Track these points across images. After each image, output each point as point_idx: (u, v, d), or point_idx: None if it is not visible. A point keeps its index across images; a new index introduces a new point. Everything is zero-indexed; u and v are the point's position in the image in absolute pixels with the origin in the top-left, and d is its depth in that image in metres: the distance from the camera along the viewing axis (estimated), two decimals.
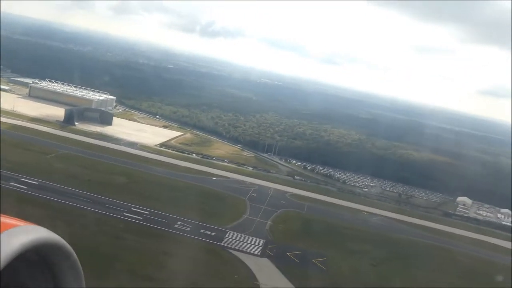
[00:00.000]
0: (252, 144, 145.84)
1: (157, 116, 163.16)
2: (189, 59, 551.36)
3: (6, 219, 3.03)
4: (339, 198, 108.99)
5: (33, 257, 3.23)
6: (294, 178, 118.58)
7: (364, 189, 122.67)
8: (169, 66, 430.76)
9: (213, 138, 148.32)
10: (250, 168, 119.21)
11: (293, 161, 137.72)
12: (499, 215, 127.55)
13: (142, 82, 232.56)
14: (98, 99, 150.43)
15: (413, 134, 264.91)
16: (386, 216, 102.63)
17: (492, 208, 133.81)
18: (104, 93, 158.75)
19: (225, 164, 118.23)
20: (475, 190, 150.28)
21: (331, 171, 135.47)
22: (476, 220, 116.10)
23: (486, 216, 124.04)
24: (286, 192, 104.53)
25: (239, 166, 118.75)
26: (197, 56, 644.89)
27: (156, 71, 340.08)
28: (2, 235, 2.80)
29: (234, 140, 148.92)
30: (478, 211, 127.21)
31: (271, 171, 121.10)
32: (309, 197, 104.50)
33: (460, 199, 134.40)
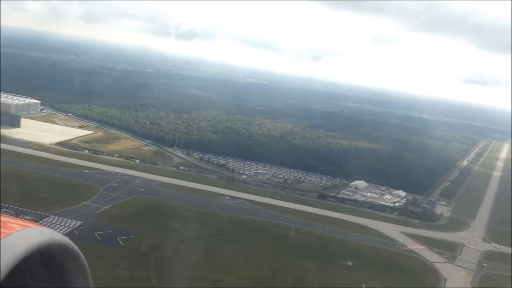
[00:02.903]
0: (161, 140, 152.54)
1: (69, 114, 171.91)
2: (177, 63, 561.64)
3: (14, 221, 3.22)
4: (211, 185, 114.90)
5: (41, 259, 3.36)
6: (178, 169, 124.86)
7: (244, 176, 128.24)
8: (148, 70, 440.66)
9: (125, 135, 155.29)
10: (137, 161, 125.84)
11: (194, 153, 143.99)
12: (386, 196, 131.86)
13: (93, 86, 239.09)
14: (18, 103, 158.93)
15: (369, 124, 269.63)
16: (247, 199, 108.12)
17: (387, 190, 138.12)
18: (27, 98, 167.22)
19: (112, 158, 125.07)
20: (386, 174, 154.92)
21: (228, 161, 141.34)
22: (350, 201, 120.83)
23: (370, 197, 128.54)
24: (155, 181, 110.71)
25: (126, 159, 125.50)
26: (188, 59, 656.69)
27: (122, 76, 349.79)
28: (10, 237, 2.95)
29: (145, 136, 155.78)
30: (365, 193, 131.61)
31: (158, 163, 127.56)
32: (176, 185, 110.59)
33: (355, 182, 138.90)
